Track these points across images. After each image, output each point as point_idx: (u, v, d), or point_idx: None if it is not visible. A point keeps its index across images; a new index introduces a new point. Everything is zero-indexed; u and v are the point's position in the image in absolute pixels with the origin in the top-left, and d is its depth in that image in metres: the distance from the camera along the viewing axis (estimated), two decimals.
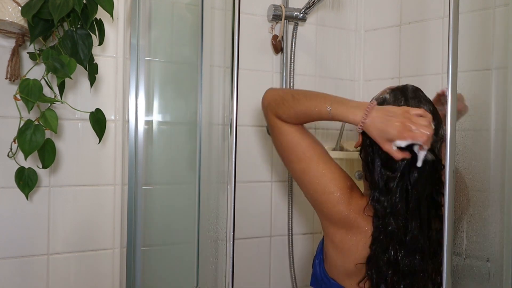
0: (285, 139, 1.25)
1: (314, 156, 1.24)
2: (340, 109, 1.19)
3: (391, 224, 1.15)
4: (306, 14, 1.84)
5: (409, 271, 1.15)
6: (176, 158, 1.53)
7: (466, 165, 1.24)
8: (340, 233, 1.21)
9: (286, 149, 1.26)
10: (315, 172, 1.23)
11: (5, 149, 1.37)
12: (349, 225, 1.20)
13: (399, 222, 1.15)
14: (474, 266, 1.19)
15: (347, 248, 1.21)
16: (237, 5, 1.02)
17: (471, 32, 1.23)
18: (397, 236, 1.15)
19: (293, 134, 1.25)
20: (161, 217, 1.52)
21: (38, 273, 1.50)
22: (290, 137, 1.25)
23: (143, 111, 1.46)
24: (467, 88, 1.17)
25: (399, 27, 1.89)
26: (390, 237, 1.16)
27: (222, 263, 1.23)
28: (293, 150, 1.25)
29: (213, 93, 1.39)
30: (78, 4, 1.25)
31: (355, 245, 1.20)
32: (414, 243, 1.15)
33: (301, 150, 1.24)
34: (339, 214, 1.20)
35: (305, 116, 1.23)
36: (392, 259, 1.16)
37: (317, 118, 1.23)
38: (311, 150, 1.25)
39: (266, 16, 1.83)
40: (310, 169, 1.23)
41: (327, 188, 1.21)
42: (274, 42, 1.82)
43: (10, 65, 1.36)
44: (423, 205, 1.16)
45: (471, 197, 1.24)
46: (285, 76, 1.85)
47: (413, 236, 1.15)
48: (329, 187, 1.21)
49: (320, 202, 1.23)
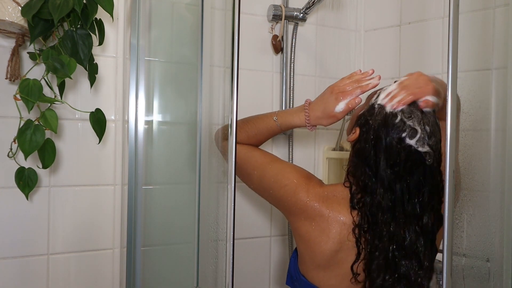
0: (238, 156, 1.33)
1: (267, 160, 1.33)
2: (284, 117, 1.33)
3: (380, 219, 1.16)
4: (306, 14, 1.84)
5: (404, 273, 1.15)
6: (176, 158, 1.53)
7: (466, 165, 1.24)
8: (305, 225, 1.22)
9: (241, 164, 1.34)
10: (270, 172, 1.30)
11: (5, 149, 1.37)
12: (311, 214, 1.21)
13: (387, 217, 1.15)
14: (474, 266, 1.19)
15: (313, 239, 1.21)
16: (237, 5, 1.02)
17: (471, 32, 1.23)
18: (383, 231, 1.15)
19: (244, 150, 1.35)
20: (161, 217, 1.52)
21: (38, 273, 1.50)
22: (242, 153, 1.34)
23: (143, 111, 1.46)
24: (467, 88, 1.17)
25: (399, 27, 1.89)
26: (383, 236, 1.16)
27: (222, 263, 1.23)
28: (247, 162, 1.34)
29: (213, 93, 1.39)
30: (78, 4, 1.25)
31: (320, 235, 1.20)
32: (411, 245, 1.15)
33: (254, 159, 1.34)
34: (299, 204, 1.22)
35: (256, 133, 1.36)
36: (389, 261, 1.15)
37: (267, 132, 1.36)
38: (262, 157, 1.35)
39: (266, 16, 1.83)
40: (266, 172, 1.30)
41: (283, 182, 1.26)
42: (274, 42, 1.82)
43: (10, 65, 1.36)
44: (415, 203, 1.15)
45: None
46: (285, 76, 1.85)
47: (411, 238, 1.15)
48: (284, 180, 1.26)
49: (280, 197, 1.27)
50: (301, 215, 1.22)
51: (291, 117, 1.33)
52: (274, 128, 1.35)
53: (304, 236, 1.23)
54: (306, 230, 1.22)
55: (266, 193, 1.33)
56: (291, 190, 1.24)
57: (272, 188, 1.28)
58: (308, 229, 1.22)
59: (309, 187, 1.23)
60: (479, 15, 1.26)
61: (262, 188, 1.33)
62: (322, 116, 1.28)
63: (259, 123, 1.36)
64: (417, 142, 1.12)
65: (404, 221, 1.15)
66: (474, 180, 1.23)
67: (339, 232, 1.19)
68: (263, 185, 1.31)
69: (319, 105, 1.29)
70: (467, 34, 1.16)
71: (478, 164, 1.22)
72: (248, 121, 1.39)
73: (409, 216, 1.15)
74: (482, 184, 1.21)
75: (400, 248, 1.15)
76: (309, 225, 1.21)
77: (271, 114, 1.36)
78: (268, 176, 1.30)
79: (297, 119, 1.32)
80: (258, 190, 1.36)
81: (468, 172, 1.24)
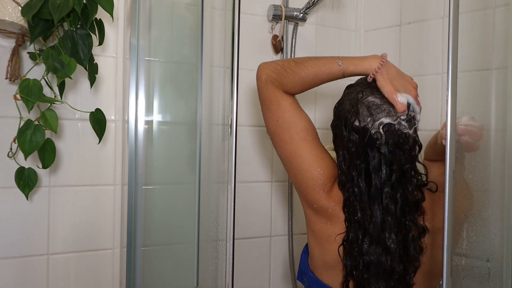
0: (283, 116, 1.23)
1: (308, 140, 1.22)
2: (352, 61, 1.21)
3: (357, 209, 1.16)
4: (306, 14, 1.84)
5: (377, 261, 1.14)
6: (176, 158, 1.53)
7: (466, 165, 1.24)
8: (321, 222, 1.21)
9: (281, 127, 1.23)
10: (306, 156, 1.21)
11: (5, 149, 1.37)
12: (329, 214, 1.20)
13: (365, 206, 1.15)
14: (474, 266, 1.19)
15: (325, 238, 1.20)
16: (237, 5, 1.02)
17: (471, 32, 1.23)
18: (364, 223, 1.15)
19: (292, 113, 1.23)
20: (161, 217, 1.52)
21: (38, 273, 1.50)
22: (288, 115, 1.22)
23: (143, 111, 1.46)
24: (467, 88, 1.17)
25: (399, 27, 1.89)
26: (358, 224, 1.15)
27: (222, 263, 1.23)
28: (288, 130, 1.22)
29: (213, 93, 1.39)
30: (78, 4, 1.25)
31: (333, 236, 1.19)
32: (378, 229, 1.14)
33: (296, 131, 1.22)
34: (321, 202, 1.20)
35: (314, 78, 1.22)
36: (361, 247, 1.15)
37: (327, 77, 1.22)
38: (305, 133, 1.23)
39: (266, 16, 1.83)
40: (301, 153, 1.21)
41: (314, 174, 1.20)
42: (274, 42, 1.82)
43: (10, 65, 1.36)
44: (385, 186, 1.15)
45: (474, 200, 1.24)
46: None
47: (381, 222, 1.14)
48: (316, 174, 1.20)
49: (305, 187, 1.22)
50: (320, 212, 1.21)
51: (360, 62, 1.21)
52: (337, 73, 1.21)
53: (317, 232, 1.22)
54: (320, 228, 1.21)
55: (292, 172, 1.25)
56: (318, 186, 1.20)
57: (302, 174, 1.22)
58: (322, 227, 1.21)
59: (333, 189, 1.21)
60: (479, 15, 1.25)
61: (291, 165, 1.24)
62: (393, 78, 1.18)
63: (320, 66, 1.22)
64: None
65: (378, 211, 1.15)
66: (474, 180, 1.23)
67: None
68: (293, 164, 1.23)
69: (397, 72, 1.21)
70: (467, 34, 1.15)
71: (478, 164, 1.22)
72: (304, 63, 1.23)
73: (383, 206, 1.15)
74: (482, 184, 1.21)
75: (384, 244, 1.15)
76: (324, 223, 1.20)
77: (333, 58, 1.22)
78: (302, 159, 1.21)
79: (367, 64, 1.20)
80: (285, 161, 1.26)
81: (468, 172, 1.23)
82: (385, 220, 1.14)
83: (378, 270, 1.14)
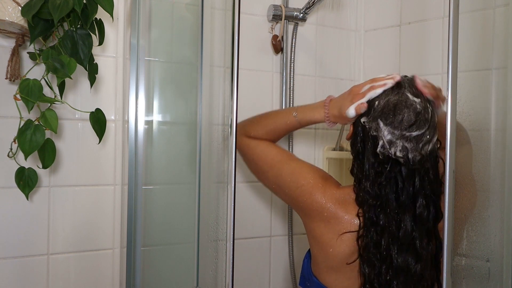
0: (255, 152, 1.34)
1: (284, 159, 1.32)
2: (304, 113, 1.31)
3: (380, 217, 1.15)
4: (306, 14, 1.84)
5: (401, 266, 1.14)
6: (176, 158, 1.53)
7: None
8: (320, 226, 1.22)
9: (257, 161, 1.33)
10: (287, 171, 1.28)
11: (5, 149, 1.37)
12: (326, 216, 1.20)
13: (389, 216, 1.15)
14: (474, 266, 1.19)
15: (328, 241, 1.20)
16: (237, 5, 1.02)
17: (471, 32, 1.23)
18: (388, 230, 1.15)
19: (261, 147, 1.34)
20: (161, 217, 1.52)
21: (38, 273, 1.50)
22: (259, 149, 1.33)
23: (143, 111, 1.46)
24: (467, 88, 1.17)
25: (399, 27, 1.89)
26: (380, 231, 1.15)
27: (222, 263, 1.23)
28: (264, 160, 1.33)
29: (213, 93, 1.39)
30: (78, 4, 1.25)
31: (335, 237, 1.19)
32: (406, 237, 1.14)
33: (271, 157, 1.32)
34: (314, 205, 1.21)
35: (274, 128, 1.34)
36: (384, 254, 1.15)
37: (285, 127, 1.34)
38: (279, 155, 1.33)
39: (266, 16, 1.83)
40: (283, 171, 1.29)
41: (300, 181, 1.25)
42: (274, 42, 1.82)
43: (10, 65, 1.36)
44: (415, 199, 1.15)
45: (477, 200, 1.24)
46: (285, 76, 1.85)
47: (405, 230, 1.14)
48: (301, 180, 1.25)
49: (295, 197, 1.26)
50: (316, 217, 1.22)
51: (311, 113, 1.30)
52: (294, 123, 1.33)
53: (318, 238, 1.22)
54: (320, 232, 1.21)
55: (281, 192, 1.31)
56: (307, 190, 1.23)
57: (288, 187, 1.27)
58: (323, 230, 1.21)
59: (326, 189, 1.22)
60: (479, 15, 1.25)
61: (278, 186, 1.31)
62: (339, 116, 1.25)
63: (278, 119, 1.34)
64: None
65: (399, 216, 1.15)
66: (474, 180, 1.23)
67: (353, 235, 1.18)
68: (279, 184, 1.30)
69: (338, 104, 1.25)
70: (467, 34, 1.15)
71: (478, 164, 1.22)
72: (267, 116, 1.37)
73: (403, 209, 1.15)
74: (482, 184, 1.21)
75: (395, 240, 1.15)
76: (324, 227, 1.21)
77: (290, 109, 1.35)
78: (284, 174, 1.28)
79: (317, 114, 1.29)
80: (273, 189, 1.34)
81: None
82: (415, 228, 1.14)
83: (406, 278, 1.14)
